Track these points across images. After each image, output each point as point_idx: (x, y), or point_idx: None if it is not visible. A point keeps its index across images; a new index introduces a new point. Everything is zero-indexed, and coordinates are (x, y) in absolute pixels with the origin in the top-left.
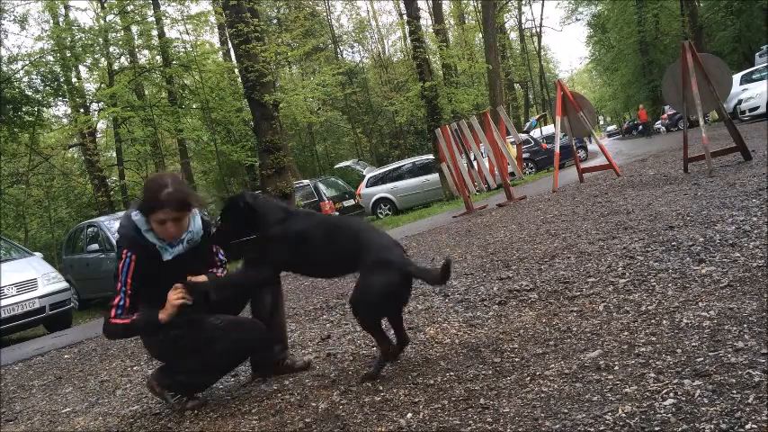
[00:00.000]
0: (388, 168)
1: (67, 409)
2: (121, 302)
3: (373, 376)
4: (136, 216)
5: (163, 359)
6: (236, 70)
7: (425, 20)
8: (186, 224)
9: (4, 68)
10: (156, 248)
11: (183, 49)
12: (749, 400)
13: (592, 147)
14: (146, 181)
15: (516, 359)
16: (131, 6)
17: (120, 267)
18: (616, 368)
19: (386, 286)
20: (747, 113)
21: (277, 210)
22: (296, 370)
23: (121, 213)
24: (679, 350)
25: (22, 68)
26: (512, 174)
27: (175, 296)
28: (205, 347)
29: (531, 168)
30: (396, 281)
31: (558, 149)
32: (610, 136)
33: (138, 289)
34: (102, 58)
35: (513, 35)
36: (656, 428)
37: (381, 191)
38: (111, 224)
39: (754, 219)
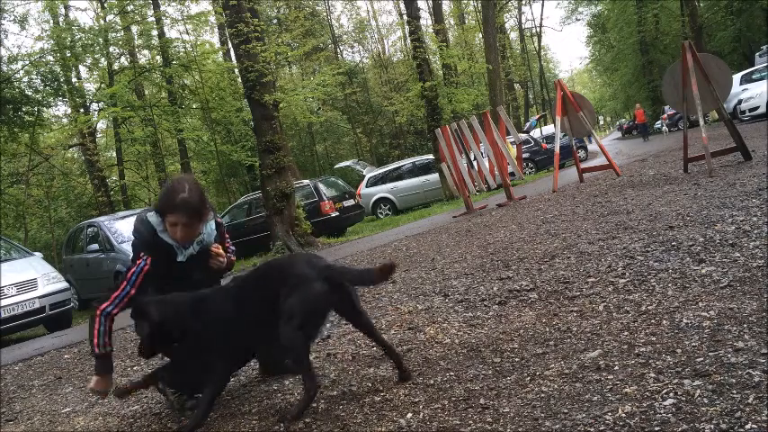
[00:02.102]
0: (388, 168)
1: (67, 409)
2: (116, 302)
3: (295, 416)
4: (152, 217)
5: (167, 355)
6: (236, 70)
7: (425, 20)
8: (197, 231)
9: (4, 68)
10: (172, 248)
11: (183, 49)
12: (749, 400)
13: (592, 147)
14: (166, 182)
15: (516, 359)
16: (131, 6)
17: (132, 271)
18: (616, 368)
19: (305, 301)
20: (747, 113)
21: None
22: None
23: (121, 213)
24: (679, 350)
25: (22, 68)
26: (512, 174)
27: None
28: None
29: (531, 168)
30: (314, 292)
31: (558, 149)
32: (626, 132)
33: (144, 290)
34: (102, 58)
35: (513, 35)
36: (656, 428)
37: (381, 191)
38: (111, 224)
39: (754, 219)
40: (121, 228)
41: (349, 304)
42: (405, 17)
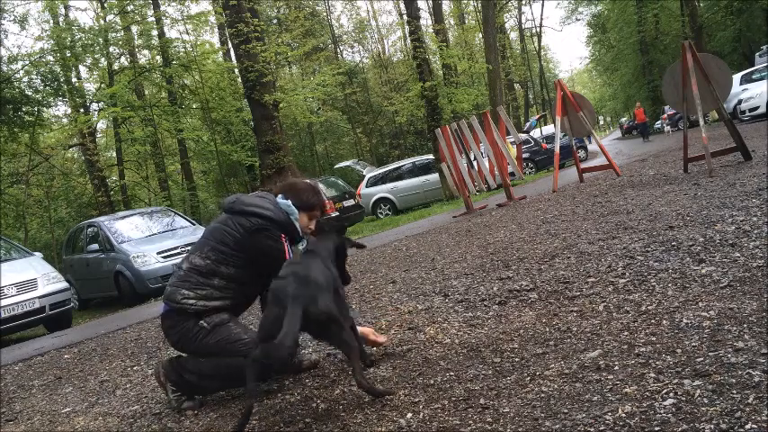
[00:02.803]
0: (388, 168)
1: (67, 409)
2: None
3: (364, 383)
4: (289, 207)
5: (179, 348)
6: (236, 70)
7: (425, 20)
8: None
9: (4, 68)
10: (298, 235)
11: (182, 49)
12: (749, 400)
13: (592, 147)
14: (298, 183)
15: (516, 359)
16: (131, 6)
17: (285, 251)
18: (616, 368)
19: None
20: (747, 113)
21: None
22: (303, 369)
23: (121, 213)
24: (679, 350)
25: (22, 68)
26: (512, 174)
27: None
28: (222, 354)
29: (531, 168)
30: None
31: (558, 149)
32: (626, 132)
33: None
34: (102, 58)
35: (513, 35)
36: (656, 428)
37: (381, 191)
38: (111, 224)
39: (754, 219)
40: (121, 228)
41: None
42: (405, 17)
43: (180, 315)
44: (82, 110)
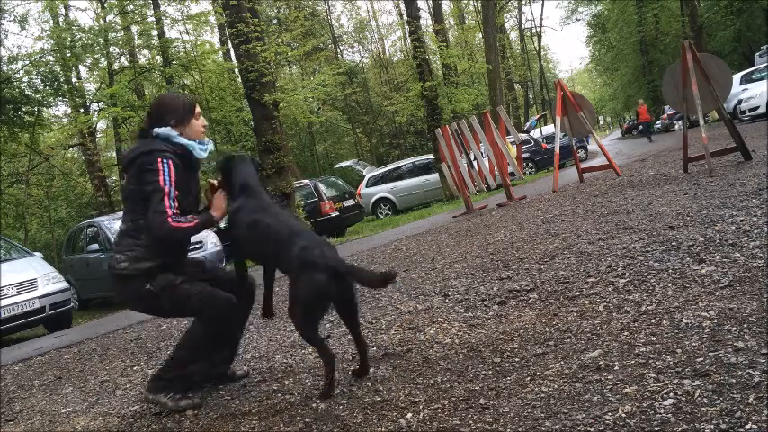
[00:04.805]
0: (388, 168)
1: (67, 409)
2: (172, 202)
3: (326, 395)
4: (163, 131)
5: (142, 311)
6: (236, 70)
7: (425, 20)
8: None
9: (4, 68)
10: (188, 150)
11: (182, 49)
12: (749, 400)
13: (592, 147)
14: (160, 101)
15: (516, 359)
16: (131, 6)
17: (161, 173)
18: (616, 368)
19: (309, 288)
20: (747, 113)
21: (247, 190)
22: (236, 379)
23: (121, 213)
24: (679, 350)
25: (22, 68)
26: (512, 174)
27: (219, 201)
28: (182, 314)
29: (531, 168)
30: (319, 280)
31: (558, 149)
32: (626, 132)
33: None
34: (102, 58)
35: (513, 35)
36: (656, 428)
37: (381, 191)
38: (111, 224)
39: (754, 219)
40: None
41: (345, 300)
42: (405, 17)
43: (121, 281)
44: (82, 110)
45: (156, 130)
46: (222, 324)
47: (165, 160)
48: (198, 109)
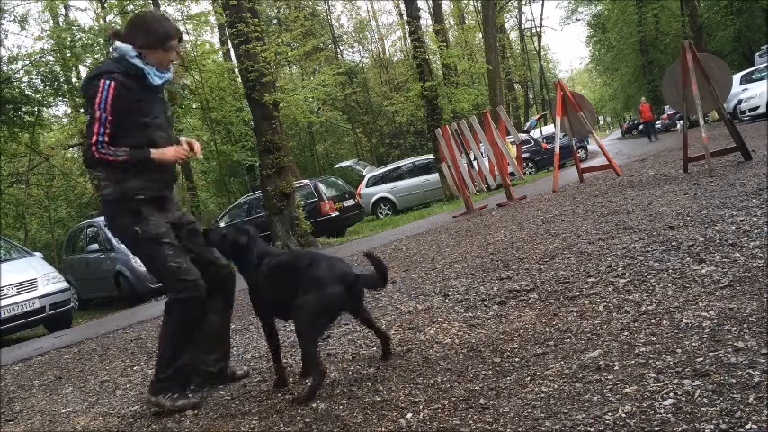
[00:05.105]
0: (388, 168)
1: (67, 409)
2: (101, 128)
3: (303, 400)
4: (122, 46)
5: (125, 245)
6: (236, 70)
7: (425, 20)
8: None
9: (4, 68)
10: (142, 72)
11: (182, 49)
12: (749, 400)
13: (592, 147)
14: (139, 19)
15: (516, 359)
16: (131, 6)
17: (99, 95)
18: (616, 368)
19: (315, 304)
20: (747, 113)
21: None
22: (236, 379)
23: None
24: (679, 350)
25: (22, 68)
26: (512, 174)
27: (176, 151)
28: (151, 271)
29: (531, 168)
30: (330, 294)
31: (558, 149)
32: (626, 132)
33: (118, 125)
34: (102, 59)
35: (513, 35)
36: (656, 428)
37: (381, 191)
38: None
39: (754, 219)
40: None
41: (357, 304)
42: (405, 17)
43: (111, 212)
44: (82, 110)
45: (117, 44)
46: (191, 313)
47: (107, 81)
48: (174, 42)
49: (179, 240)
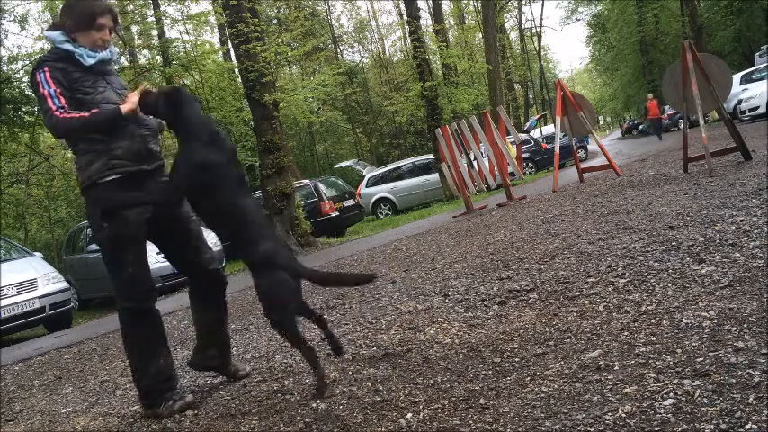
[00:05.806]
0: (388, 168)
1: (67, 409)
2: (55, 100)
3: (321, 390)
4: (50, 33)
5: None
6: (236, 70)
7: (425, 20)
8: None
9: (4, 68)
10: (74, 56)
11: (183, 49)
12: (749, 400)
13: (592, 147)
14: (67, 3)
15: (516, 359)
16: (131, 6)
17: (39, 84)
18: (616, 368)
19: (276, 288)
20: (747, 113)
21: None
22: (238, 378)
23: None
24: (679, 350)
25: (22, 68)
26: (512, 174)
27: (135, 93)
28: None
29: (531, 168)
30: (283, 281)
31: (558, 149)
32: (626, 132)
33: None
34: None
35: (513, 35)
36: (656, 428)
37: (381, 191)
38: None
39: (754, 219)
40: None
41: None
42: (405, 17)
43: (88, 200)
44: None
45: (46, 32)
46: (142, 324)
47: (40, 72)
48: (103, 20)
49: (164, 229)
